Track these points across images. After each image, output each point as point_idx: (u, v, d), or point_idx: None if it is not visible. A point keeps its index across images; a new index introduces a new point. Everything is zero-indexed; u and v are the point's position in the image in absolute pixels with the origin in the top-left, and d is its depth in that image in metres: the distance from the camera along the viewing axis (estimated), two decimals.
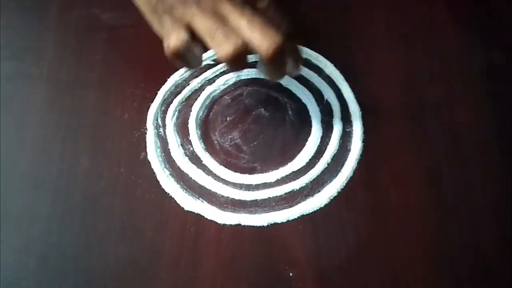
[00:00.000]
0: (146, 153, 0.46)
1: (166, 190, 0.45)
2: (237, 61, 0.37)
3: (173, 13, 0.38)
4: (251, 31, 0.36)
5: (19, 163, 0.46)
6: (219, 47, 0.37)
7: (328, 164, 0.46)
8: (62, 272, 0.42)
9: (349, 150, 0.47)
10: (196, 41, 0.38)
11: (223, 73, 0.42)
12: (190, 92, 0.49)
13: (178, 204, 0.44)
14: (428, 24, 0.53)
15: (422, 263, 0.42)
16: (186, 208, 0.44)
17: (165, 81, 0.49)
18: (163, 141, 0.47)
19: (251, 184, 0.46)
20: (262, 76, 0.49)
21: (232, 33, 0.37)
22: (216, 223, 0.44)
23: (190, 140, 0.47)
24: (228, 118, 0.48)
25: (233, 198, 0.45)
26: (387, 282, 0.42)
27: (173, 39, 0.37)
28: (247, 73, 0.49)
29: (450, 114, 0.48)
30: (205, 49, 0.39)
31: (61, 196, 0.45)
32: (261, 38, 0.36)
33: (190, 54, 0.38)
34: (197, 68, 0.40)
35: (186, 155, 0.47)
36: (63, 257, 0.43)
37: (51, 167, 0.46)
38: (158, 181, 0.45)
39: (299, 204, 0.44)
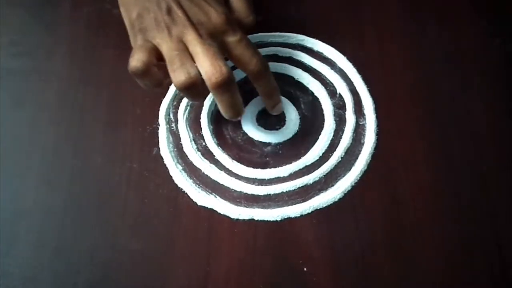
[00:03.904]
0: (159, 148, 0.46)
1: (179, 185, 0.45)
2: (190, 90, 0.39)
3: (146, 33, 0.40)
4: (202, 59, 0.38)
5: (32, 159, 0.46)
6: (174, 73, 0.38)
7: (341, 157, 0.46)
8: (77, 266, 0.43)
9: (362, 144, 0.46)
10: (161, 64, 0.39)
11: (234, 67, 0.42)
12: None
13: (191, 199, 0.44)
14: (443, 14, 0.52)
15: (437, 257, 0.42)
16: (199, 203, 0.44)
17: None
18: (175, 136, 0.47)
19: (264, 179, 0.45)
20: (274, 71, 0.49)
21: (189, 63, 0.38)
22: (229, 218, 0.44)
23: (202, 135, 0.47)
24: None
25: (246, 193, 0.45)
26: (402, 276, 0.42)
27: (134, 59, 0.38)
28: None
29: (465, 107, 0.48)
30: (167, 74, 0.39)
31: (75, 191, 0.45)
32: (208, 67, 0.38)
33: (150, 76, 0.39)
34: (155, 89, 0.41)
35: (198, 150, 0.47)
36: (77, 252, 0.43)
37: (65, 162, 0.46)
38: (171, 176, 0.45)
39: (312, 198, 0.44)
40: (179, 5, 0.39)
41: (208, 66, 0.38)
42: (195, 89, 0.39)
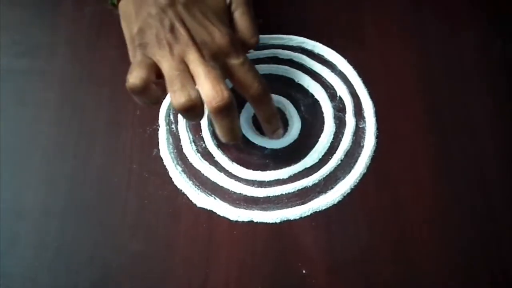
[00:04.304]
0: (159, 149, 0.46)
1: (179, 186, 0.45)
2: (190, 112, 0.38)
3: (147, 49, 0.39)
4: (204, 82, 0.37)
5: (33, 159, 0.47)
6: (174, 94, 0.37)
7: (341, 160, 0.46)
8: (76, 267, 0.43)
9: (362, 146, 0.46)
10: (160, 81, 0.38)
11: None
12: None
13: (191, 201, 0.44)
14: (443, 16, 0.52)
15: (437, 260, 0.42)
16: (198, 205, 0.44)
17: None
18: (175, 137, 0.47)
19: (264, 181, 0.45)
20: (275, 73, 0.49)
21: (190, 84, 0.37)
22: (229, 219, 0.44)
23: (202, 137, 0.47)
24: (240, 115, 0.48)
25: (246, 195, 0.45)
26: (401, 279, 0.42)
27: (133, 76, 0.37)
28: (259, 70, 0.49)
29: (465, 109, 0.48)
30: (165, 91, 0.38)
31: (75, 192, 0.45)
32: (210, 91, 0.37)
33: (148, 93, 0.38)
34: (153, 106, 0.40)
35: (198, 151, 0.47)
36: (77, 252, 0.43)
37: (65, 163, 0.46)
38: (171, 178, 0.45)
39: (312, 201, 0.44)
40: (182, 23, 0.38)
41: (209, 90, 0.37)
42: (194, 111, 0.38)
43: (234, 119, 0.39)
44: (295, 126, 0.47)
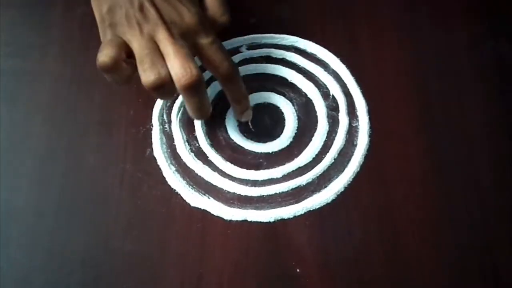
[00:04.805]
0: (152, 149, 0.46)
1: (172, 186, 0.45)
2: (160, 90, 0.38)
3: (116, 28, 0.39)
4: (173, 60, 0.38)
5: (25, 160, 0.46)
6: (144, 73, 0.38)
7: (334, 159, 0.46)
8: (69, 268, 0.42)
9: (355, 145, 0.46)
10: (130, 60, 0.39)
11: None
12: None
13: (184, 200, 0.44)
14: (436, 15, 0.52)
15: (431, 257, 0.42)
16: (192, 204, 0.44)
17: None
18: (168, 137, 0.47)
19: (258, 180, 0.45)
20: (268, 72, 0.49)
21: (159, 63, 0.38)
22: (223, 219, 0.44)
23: (195, 136, 0.47)
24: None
25: (240, 194, 0.45)
26: (395, 278, 0.42)
27: (103, 54, 0.38)
28: (253, 69, 0.49)
29: (458, 108, 0.48)
30: (136, 70, 0.39)
31: (67, 193, 0.45)
32: (179, 69, 0.37)
33: (118, 72, 0.39)
34: (123, 85, 0.41)
35: (192, 151, 0.47)
36: (70, 254, 0.43)
37: (57, 164, 0.46)
38: (164, 178, 0.45)
39: (305, 200, 0.44)
40: (152, 2, 0.39)
41: (178, 68, 0.37)
42: (164, 89, 0.38)
43: (203, 96, 0.40)
44: (290, 129, 0.47)
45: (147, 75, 0.38)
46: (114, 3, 0.39)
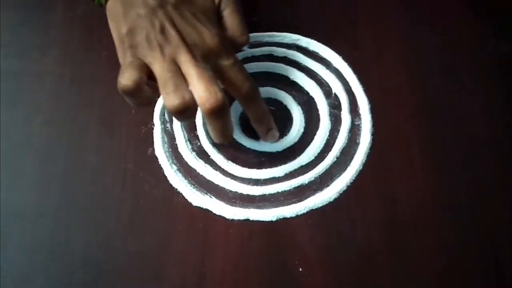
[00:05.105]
0: (153, 148, 0.46)
1: (174, 185, 0.45)
2: (184, 114, 0.37)
3: (137, 50, 0.38)
4: (197, 84, 0.37)
5: (26, 160, 0.46)
6: (167, 96, 0.37)
7: (337, 157, 0.46)
8: (70, 267, 0.42)
9: (358, 144, 0.46)
10: (151, 82, 0.38)
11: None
12: None
13: (186, 200, 0.44)
14: (438, 14, 0.52)
15: (433, 257, 0.42)
16: (194, 204, 0.44)
17: None
18: (170, 136, 0.47)
19: (260, 179, 0.45)
20: (270, 70, 0.49)
21: (183, 86, 0.37)
22: (225, 218, 0.43)
23: (197, 135, 0.47)
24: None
25: (241, 193, 0.45)
26: (398, 277, 0.41)
27: (125, 78, 0.37)
28: (255, 68, 0.49)
29: (461, 107, 0.48)
30: (158, 92, 0.38)
31: (69, 192, 0.45)
32: (203, 92, 0.37)
33: (140, 95, 0.38)
34: (144, 107, 0.40)
35: (193, 150, 0.46)
36: (71, 253, 0.43)
37: (58, 163, 0.46)
38: (166, 177, 0.45)
39: (308, 199, 0.44)
40: (172, 24, 0.38)
41: (203, 91, 0.37)
42: (188, 113, 0.37)
43: (228, 120, 0.40)
44: (297, 131, 0.47)
45: (171, 99, 0.37)
46: (135, 24, 0.38)
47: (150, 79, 0.38)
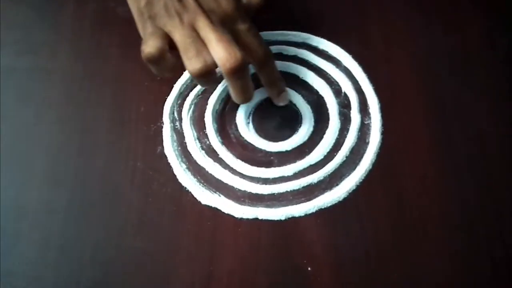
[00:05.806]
0: (163, 147, 0.46)
1: (183, 184, 0.45)
2: (205, 77, 0.40)
3: (156, 20, 0.40)
4: (217, 46, 0.38)
5: (36, 158, 0.46)
6: (189, 61, 0.39)
7: (346, 157, 0.46)
8: (80, 265, 0.42)
9: (367, 143, 0.46)
10: (173, 51, 0.39)
11: None
12: None
13: (195, 198, 0.44)
14: (448, 13, 0.52)
15: (443, 257, 0.42)
16: (203, 202, 0.44)
17: (181, 74, 0.49)
18: (179, 134, 0.47)
19: (268, 178, 0.45)
20: (280, 69, 0.49)
21: (204, 50, 0.39)
22: (233, 217, 0.44)
23: (206, 134, 0.47)
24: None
25: (250, 192, 0.44)
26: (406, 278, 0.41)
27: (149, 46, 0.39)
28: None
29: (470, 106, 0.47)
30: (180, 60, 0.39)
31: (79, 190, 0.45)
32: (223, 53, 0.38)
33: (164, 62, 0.40)
34: (170, 76, 0.42)
35: (202, 148, 0.46)
36: (81, 251, 0.43)
37: (69, 161, 0.46)
38: (175, 175, 0.45)
39: (317, 198, 0.44)
40: None
41: (222, 53, 0.38)
42: (210, 76, 0.40)
43: (248, 79, 0.41)
44: (306, 130, 0.47)
45: (193, 63, 0.39)
46: None
47: (171, 49, 0.39)
